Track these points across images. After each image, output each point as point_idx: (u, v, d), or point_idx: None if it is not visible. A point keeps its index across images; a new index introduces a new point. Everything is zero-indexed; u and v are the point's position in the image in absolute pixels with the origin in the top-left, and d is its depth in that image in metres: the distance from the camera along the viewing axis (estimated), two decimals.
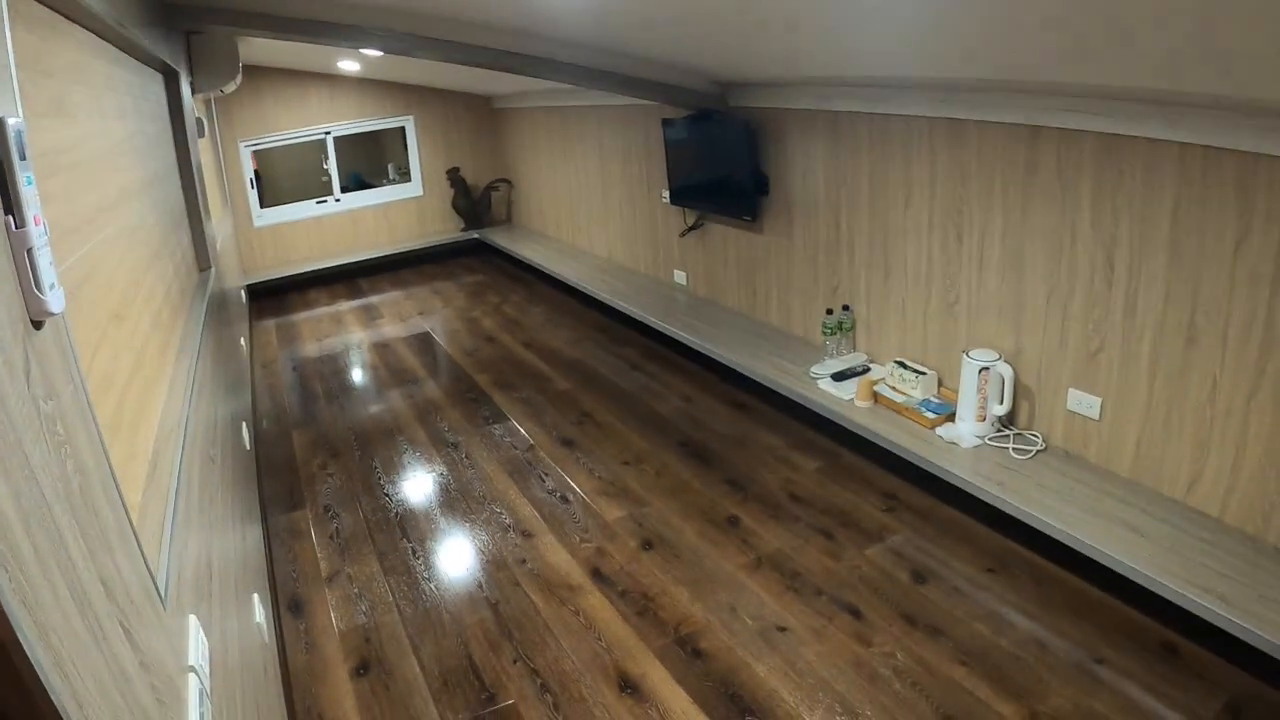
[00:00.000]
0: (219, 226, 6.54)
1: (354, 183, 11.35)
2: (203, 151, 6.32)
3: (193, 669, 1.39)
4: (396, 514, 3.83)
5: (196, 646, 1.47)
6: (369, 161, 11.46)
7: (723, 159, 4.78)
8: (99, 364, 1.61)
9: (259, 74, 8.20)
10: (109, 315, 1.81)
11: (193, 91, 5.07)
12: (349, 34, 3.97)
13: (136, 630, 1.11)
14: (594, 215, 7.38)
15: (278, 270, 8.87)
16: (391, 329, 7.07)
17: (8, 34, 1.03)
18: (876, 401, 3.68)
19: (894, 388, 3.67)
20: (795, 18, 2.82)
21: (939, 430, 3.37)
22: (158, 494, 1.74)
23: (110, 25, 2.18)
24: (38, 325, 0.98)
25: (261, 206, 8.92)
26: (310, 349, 6.80)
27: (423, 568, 3.36)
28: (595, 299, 6.48)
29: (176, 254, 3.44)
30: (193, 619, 1.53)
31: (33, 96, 1.42)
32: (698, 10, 3.04)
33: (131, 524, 1.26)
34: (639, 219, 6.45)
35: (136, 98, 2.98)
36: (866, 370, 3.93)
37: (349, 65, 7.61)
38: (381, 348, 6.54)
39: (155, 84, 3.68)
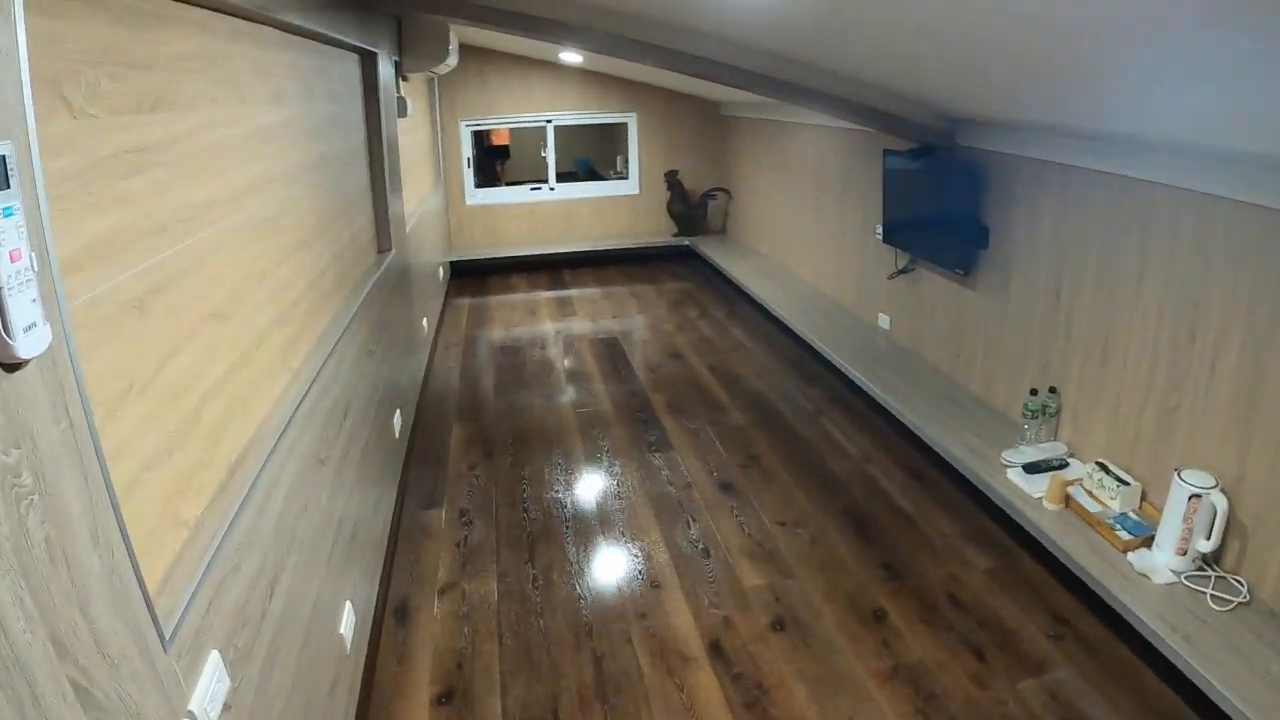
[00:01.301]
0: (424, 203, 6.84)
1: (582, 169, 11.75)
2: (414, 129, 6.62)
3: (191, 714, 1.40)
4: (529, 533, 3.85)
5: (209, 687, 1.48)
6: (599, 150, 11.76)
7: (942, 202, 4.55)
8: (174, 369, 1.67)
9: (484, 56, 8.56)
10: (205, 314, 1.87)
11: (400, 72, 5.30)
12: (551, 29, 4.04)
13: (101, 686, 1.12)
14: (806, 239, 7.25)
15: (484, 251, 9.26)
16: (581, 327, 7.21)
17: (21, 46, 1.03)
18: (1068, 505, 3.36)
19: (1090, 493, 3.34)
20: (1049, 56, 2.59)
21: (1131, 556, 3.03)
22: (221, 508, 1.78)
23: (253, 9, 2.24)
24: (11, 368, 0.98)
25: (505, 181, 9.32)
26: (496, 334, 7.05)
27: (539, 599, 3.36)
28: (793, 329, 6.34)
29: (342, 238, 3.57)
30: (214, 656, 1.54)
31: (110, 94, 1.46)
32: (940, 37, 2.85)
33: (135, 566, 1.27)
34: (849, 252, 6.27)
35: (307, 81, 3.10)
36: (1063, 466, 3.60)
37: (571, 56, 7.78)
38: (566, 346, 6.69)
39: (343, 64, 3.86)
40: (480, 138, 11.34)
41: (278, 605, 2.00)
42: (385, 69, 4.52)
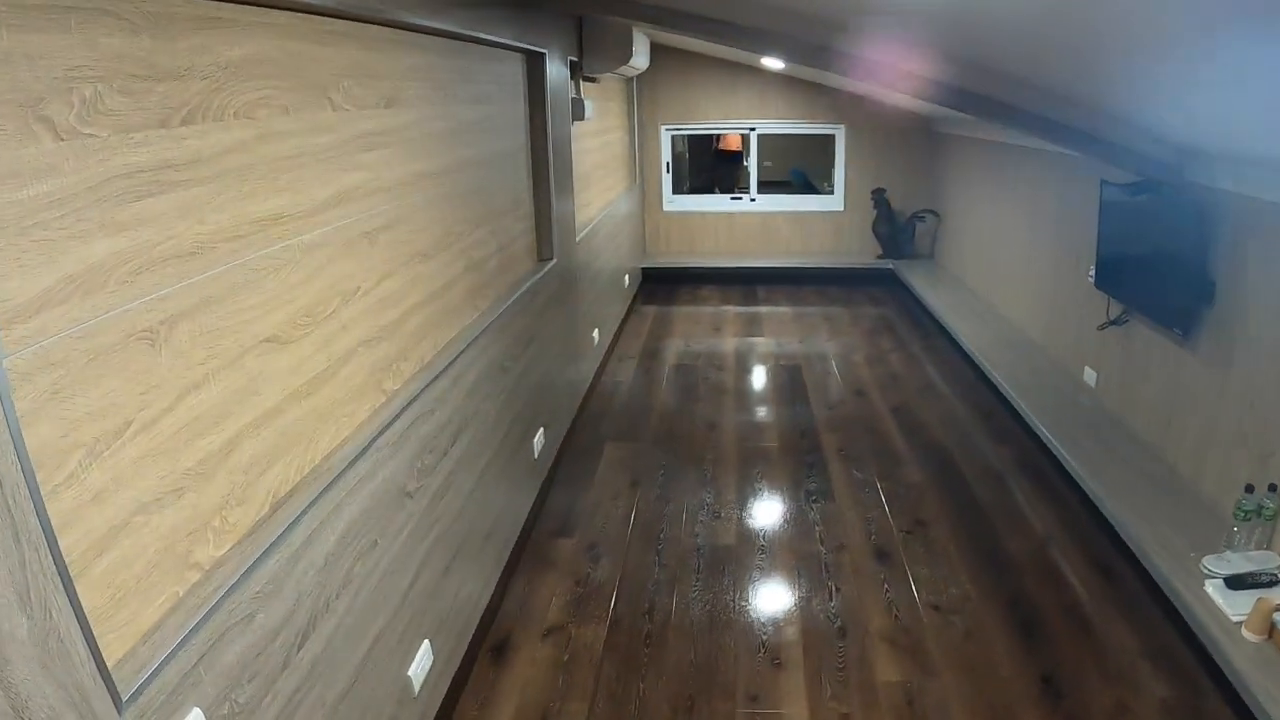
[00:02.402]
0: (611, 208, 6.84)
1: (797, 179, 11.62)
2: (605, 132, 6.63)
3: None
4: (656, 580, 3.69)
5: None
6: (813, 162, 11.56)
7: (1164, 246, 4.02)
8: (198, 402, 1.64)
9: (687, 58, 8.57)
10: (254, 340, 1.81)
11: (580, 73, 5.26)
12: (731, 33, 3.88)
13: None
14: (1015, 274, 6.76)
15: (677, 259, 9.31)
16: (765, 349, 7.10)
17: None
18: (1270, 637, 2.86)
19: None
20: None
21: None
22: (248, 549, 1.72)
23: (347, 9, 2.14)
24: None
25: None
26: (674, 348, 7.00)
27: (646, 660, 3.18)
28: (989, 375, 5.92)
29: (485, 246, 3.51)
30: (195, 714, 1.49)
31: (119, 110, 1.40)
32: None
33: (83, 623, 1.22)
34: (1059, 294, 5.76)
35: (441, 83, 3.05)
36: (1274, 583, 3.08)
37: (773, 61, 7.59)
38: (744, 369, 6.59)
39: (498, 65, 3.80)
40: (708, 143, 11.46)
41: (310, 653, 1.92)
42: (555, 70, 4.46)
